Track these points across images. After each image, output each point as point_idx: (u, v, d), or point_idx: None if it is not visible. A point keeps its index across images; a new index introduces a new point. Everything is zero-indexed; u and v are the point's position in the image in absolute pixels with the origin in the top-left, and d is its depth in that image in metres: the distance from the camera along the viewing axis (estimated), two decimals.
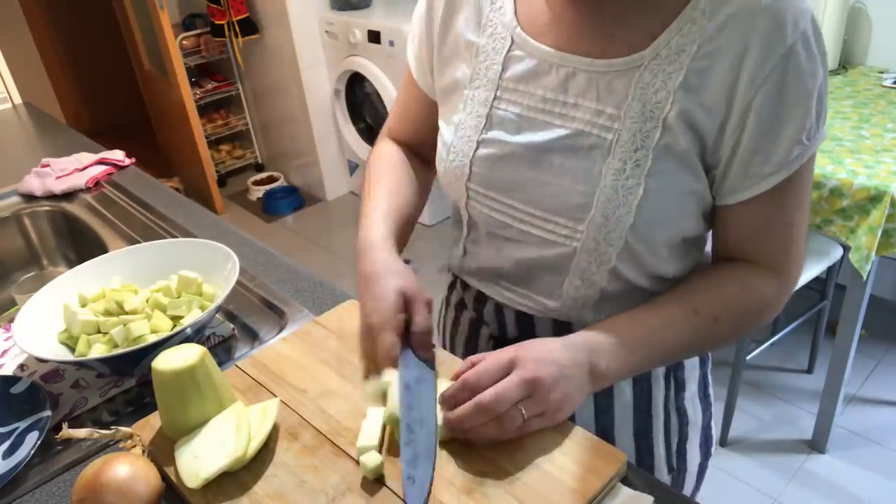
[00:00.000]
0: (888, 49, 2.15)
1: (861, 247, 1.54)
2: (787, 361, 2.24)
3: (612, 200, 0.65)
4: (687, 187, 0.66)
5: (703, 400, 0.86)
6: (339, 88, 3.28)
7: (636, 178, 0.64)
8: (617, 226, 0.66)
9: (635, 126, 0.64)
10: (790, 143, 0.62)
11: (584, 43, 0.66)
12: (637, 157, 0.64)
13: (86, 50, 4.55)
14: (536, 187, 0.70)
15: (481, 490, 0.62)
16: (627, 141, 0.64)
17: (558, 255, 0.72)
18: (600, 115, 0.66)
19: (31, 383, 0.83)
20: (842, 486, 1.82)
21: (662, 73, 0.63)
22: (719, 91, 0.62)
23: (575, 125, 0.67)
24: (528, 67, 0.70)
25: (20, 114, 2.03)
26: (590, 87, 0.66)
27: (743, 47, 0.60)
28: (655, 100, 0.63)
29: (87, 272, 0.95)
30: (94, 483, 0.62)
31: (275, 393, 0.77)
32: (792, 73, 0.60)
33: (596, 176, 0.66)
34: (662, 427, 0.82)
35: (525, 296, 0.78)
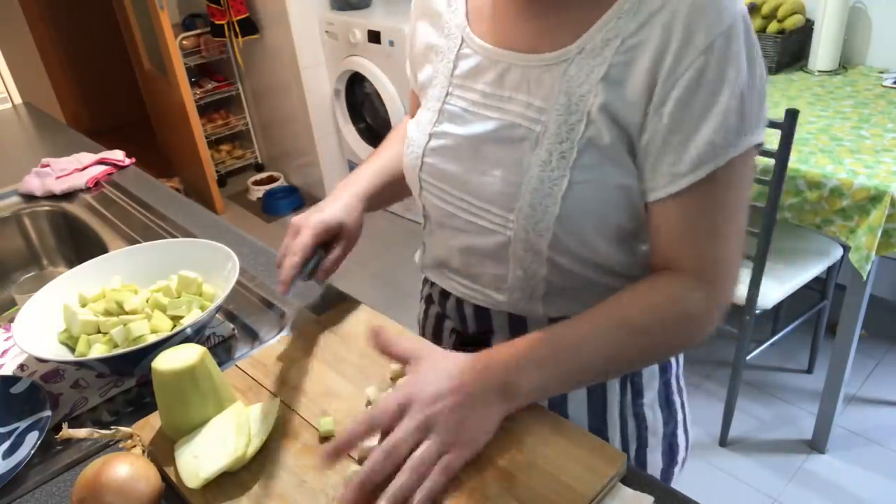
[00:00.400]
0: (888, 49, 2.15)
1: (861, 247, 1.54)
2: (787, 361, 2.24)
3: (538, 191, 0.67)
4: (613, 181, 0.66)
5: (664, 408, 0.84)
6: (339, 88, 3.28)
7: (561, 169, 0.66)
8: (544, 216, 0.68)
9: (561, 118, 0.66)
10: (706, 142, 0.61)
11: (519, 39, 0.70)
12: (562, 149, 0.66)
13: (86, 50, 4.55)
14: (474, 177, 0.73)
15: (481, 490, 0.62)
16: (554, 133, 0.66)
17: (496, 245, 0.74)
18: (530, 107, 0.68)
19: (31, 383, 0.83)
20: (842, 486, 1.82)
21: (587, 67, 0.64)
22: (640, 85, 0.63)
23: (508, 118, 0.70)
24: (472, 64, 0.73)
25: (20, 114, 2.03)
26: (522, 81, 0.69)
27: (664, 42, 0.61)
28: (580, 93, 0.65)
29: (87, 272, 0.95)
30: (94, 483, 0.62)
31: (275, 393, 0.77)
32: (711, 71, 0.60)
33: (524, 167, 0.68)
34: (619, 432, 0.82)
35: (476, 289, 0.80)
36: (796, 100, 1.97)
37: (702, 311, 0.67)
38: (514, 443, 0.66)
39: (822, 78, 2.12)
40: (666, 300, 0.67)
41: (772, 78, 2.15)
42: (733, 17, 0.60)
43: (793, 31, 2.16)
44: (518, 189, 0.69)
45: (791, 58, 2.22)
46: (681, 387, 0.88)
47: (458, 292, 0.82)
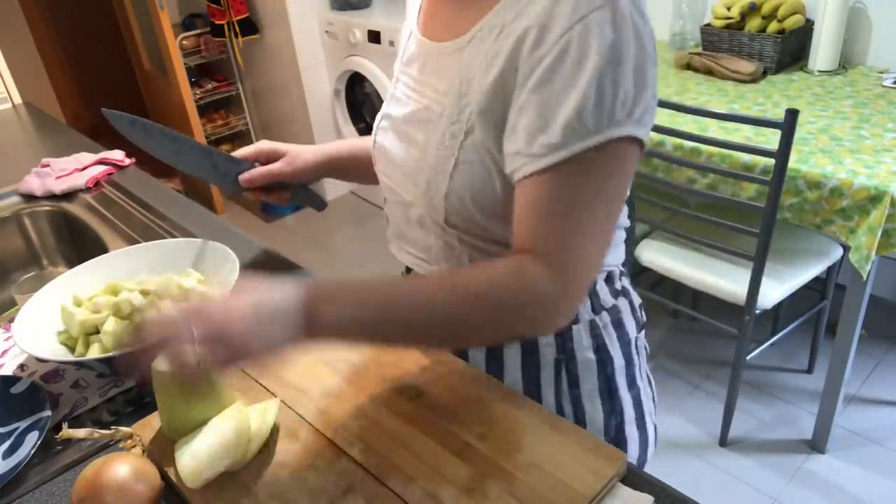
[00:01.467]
0: (888, 49, 2.14)
1: (861, 247, 1.54)
2: (787, 361, 2.24)
3: (432, 168, 0.72)
4: (495, 162, 0.69)
5: (606, 401, 0.83)
6: (339, 88, 3.28)
7: (451, 149, 0.70)
8: (437, 192, 0.72)
9: (453, 102, 0.71)
10: (563, 125, 0.61)
11: (436, 30, 0.76)
12: (453, 130, 0.70)
13: (86, 50, 4.55)
14: (399, 154, 0.79)
15: (481, 490, 0.62)
16: (448, 115, 0.71)
17: (417, 217, 0.79)
18: (437, 92, 0.74)
19: (31, 383, 0.83)
20: (842, 486, 1.82)
21: (475, 54, 0.69)
22: (505, 69, 0.65)
23: (424, 101, 0.76)
24: (410, 53, 0.80)
25: (20, 114, 2.03)
26: (435, 67, 0.75)
27: (529, 24, 0.63)
28: (469, 76, 0.69)
29: (87, 272, 0.95)
30: (94, 483, 0.62)
31: (275, 393, 0.77)
32: (571, 55, 0.60)
33: (426, 145, 0.74)
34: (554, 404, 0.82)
35: (420, 259, 0.83)
36: (796, 100, 1.97)
37: (545, 295, 0.64)
38: (514, 443, 0.66)
39: (822, 78, 2.12)
40: (507, 273, 0.64)
41: (772, 78, 2.15)
42: (601, 2, 0.60)
43: (793, 31, 2.16)
44: (421, 166, 0.74)
45: (791, 58, 2.22)
46: (637, 385, 0.86)
47: (410, 263, 0.86)
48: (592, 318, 0.80)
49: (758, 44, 2.18)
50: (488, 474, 0.63)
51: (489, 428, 0.68)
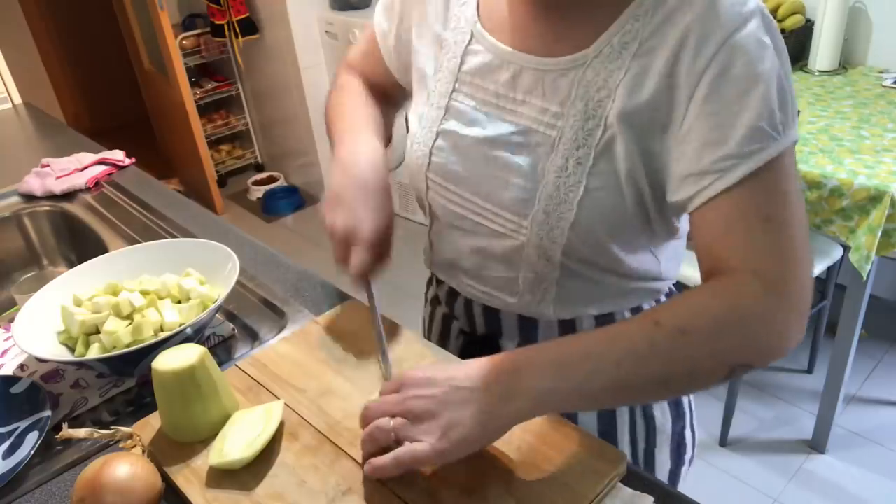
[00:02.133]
0: (888, 49, 2.14)
1: (861, 247, 1.54)
2: (787, 361, 2.24)
3: (553, 197, 0.66)
4: (630, 186, 0.65)
5: (673, 407, 0.84)
6: None
7: (577, 175, 0.65)
8: (559, 222, 0.67)
9: (578, 124, 0.65)
10: (747, 134, 0.58)
11: (534, 42, 0.68)
12: (579, 156, 0.65)
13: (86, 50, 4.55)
14: (486, 180, 0.71)
15: (481, 490, 0.62)
16: (570, 139, 0.65)
17: (508, 249, 0.73)
18: (545, 112, 0.67)
19: (31, 383, 0.83)
20: (842, 486, 1.82)
21: (604, 72, 0.63)
22: (659, 87, 0.61)
23: (522, 122, 0.68)
24: (483, 62, 0.71)
25: (20, 114, 2.03)
26: (536, 84, 0.67)
27: (681, 39, 0.59)
28: (597, 98, 0.63)
29: (87, 272, 0.95)
30: (94, 483, 0.62)
31: (275, 393, 0.77)
32: (737, 62, 0.58)
33: (539, 173, 0.67)
34: (628, 432, 0.81)
35: (486, 291, 0.79)
36: (796, 100, 1.97)
37: (764, 311, 0.58)
38: (514, 443, 0.66)
39: (822, 78, 2.12)
40: (713, 300, 0.59)
41: None
42: (750, 12, 0.59)
43: (793, 31, 2.16)
44: (533, 195, 0.68)
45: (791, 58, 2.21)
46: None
47: (468, 293, 0.82)
48: None
49: None
50: (488, 474, 0.63)
51: None
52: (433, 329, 0.94)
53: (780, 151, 0.59)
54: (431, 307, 0.94)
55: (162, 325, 0.85)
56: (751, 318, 0.58)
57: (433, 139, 0.75)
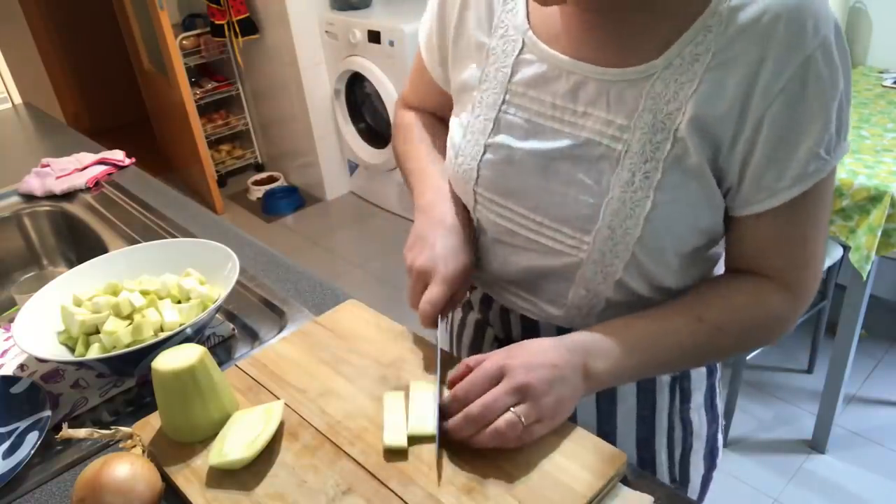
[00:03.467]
0: (888, 49, 2.15)
1: (861, 247, 1.54)
2: (787, 361, 2.24)
3: (619, 213, 0.64)
4: (697, 200, 0.64)
5: (709, 411, 0.84)
6: (339, 88, 3.28)
7: (645, 190, 0.63)
8: (624, 238, 0.65)
9: (645, 137, 0.62)
10: (807, 156, 0.60)
11: (595, 51, 0.65)
12: (646, 169, 0.63)
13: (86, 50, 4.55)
14: (543, 195, 0.69)
15: (481, 490, 0.62)
16: (637, 152, 0.63)
17: (564, 265, 0.71)
18: (610, 125, 0.64)
19: (31, 383, 0.83)
20: (842, 486, 1.82)
21: (675, 84, 0.61)
22: (733, 101, 0.59)
23: (584, 134, 0.66)
24: (537, 72, 0.68)
25: (20, 114, 2.03)
26: (600, 96, 0.64)
27: (759, 56, 0.57)
28: (667, 111, 0.61)
29: (87, 272, 0.95)
30: (94, 483, 0.62)
31: (275, 393, 0.77)
32: (811, 84, 0.57)
33: (604, 187, 0.65)
34: (666, 437, 0.81)
35: (530, 301, 0.78)
36: None
37: (784, 314, 0.68)
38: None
39: None
40: (750, 303, 0.68)
41: None
42: (829, 27, 0.57)
43: None
44: (597, 210, 0.65)
45: None
46: (720, 389, 0.87)
47: (509, 303, 0.80)
48: None
49: None
50: (488, 474, 0.63)
51: None
52: (464, 334, 0.92)
53: (828, 173, 0.62)
54: (463, 312, 0.92)
55: (162, 325, 0.85)
56: (776, 320, 0.69)
57: (481, 153, 0.72)
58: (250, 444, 0.67)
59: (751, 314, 0.68)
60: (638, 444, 0.81)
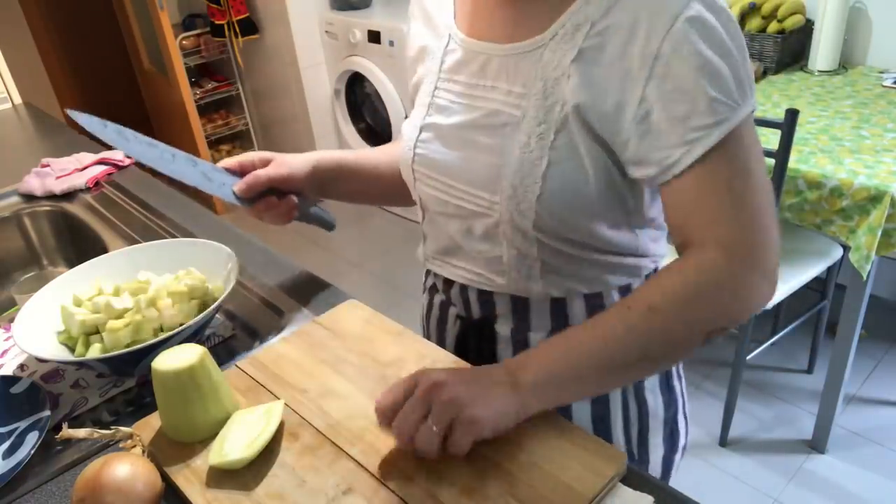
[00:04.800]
0: (888, 49, 2.15)
1: (861, 247, 1.54)
2: (787, 361, 2.24)
3: (518, 172, 0.70)
4: (592, 160, 0.68)
5: (665, 393, 0.85)
6: (339, 88, 3.28)
7: (540, 150, 0.69)
8: (526, 196, 0.70)
9: (538, 102, 0.69)
10: (706, 107, 0.61)
11: (497, 31, 0.73)
12: (540, 131, 0.69)
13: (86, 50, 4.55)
14: (462, 164, 0.76)
15: (481, 490, 0.62)
16: (532, 116, 0.69)
17: (487, 227, 0.76)
18: (510, 94, 0.71)
19: (31, 383, 0.83)
20: (842, 486, 1.82)
21: (560, 52, 0.67)
22: (611, 67, 0.64)
23: (492, 105, 0.73)
24: (457, 58, 0.77)
25: (20, 114, 2.03)
26: (502, 70, 0.72)
27: (632, 23, 0.63)
28: (554, 76, 0.68)
29: (87, 272, 0.95)
30: (94, 483, 0.62)
31: (275, 393, 0.77)
32: (687, 41, 0.61)
33: (506, 150, 0.71)
34: (621, 415, 0.83)
35: (476, 273, 0.82)
36: (796, 100, 1.97)
37: (719, 277, 0.64)
38: (514, 443, 0.66)
39: (822, 78, 2.12)
40: (677, 273, 0.65)
41: (772, 78, 2.15)
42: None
43: (793, 31, 2.16)
44: (500, 171, 0.72)
45: (791, 58, 2.22)
46: (680, 374, 0.89)
47: (461, 278, 0.84)
48: None
49: (758, 44, 2.17)
50: (488, 474, 0.63)
51: None
52: (431, 316, 0.95)
53: (740, 121, 0.63)
54: (430, 295, 0.95)
55: (162, 325, 0.85)
56: (716, 287, 0.64)
57: (417, 134, 0.80)
58: (250, 444, 0.67)
59: (681, 283, 0.64)
60: (594, 422, 0.82)
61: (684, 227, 0.67)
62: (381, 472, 0.65)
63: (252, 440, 0.68)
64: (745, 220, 0.64)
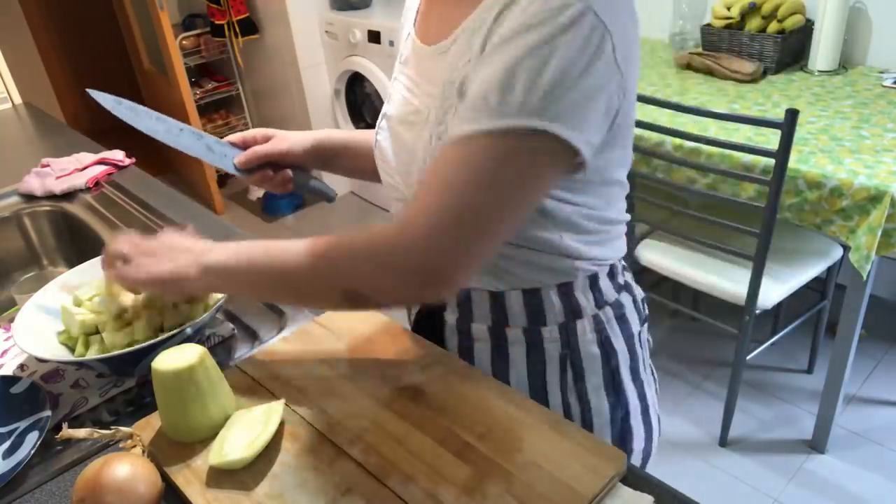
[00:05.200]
0: (888, 49, 2.14)
1: (861, 247, 1.54)
2: (787, 361, 2.24)
3: (421, 169, 0.73)
4: None
5: (611, 395, 0.84)
6: (339, 88, 3.28)
7: (437, 148, 0.71)
8: None
9: (437, 103, 0.72)
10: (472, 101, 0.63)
11: (426, 32, 0.77)
12: (438, 132, 0.71)
13: (86, 50, 4.55)
14: (391, 154, 0.81)
15: (481, 490, 0.62)
16: (434, 116, 0.72)
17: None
18: (425, 94, 0.75)
19: (31, 383, 0.83)
20: (842, 486, 1.82)
21: (457, 56, 0.70)
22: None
23: (415, 102, 0.77)
24: (406, 55, 0.82)
25: (20, 114, 2.03)
26: (423, 70, 0.76)
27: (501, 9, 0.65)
28: (451, 79, 0.70)
29: (87, 272, 0.95)
30: (94, 483, 0.62)
31: (275, 393, 0.77)
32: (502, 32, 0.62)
33: (414, 147, 0.75)
34: (562, 412, 0.82)
35: None
36: (796, 100, 1.97)
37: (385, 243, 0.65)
38: (514, 442, 0.66)
39: (822, 78, 2.12)
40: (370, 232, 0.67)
41: (772, 78, 2.15)
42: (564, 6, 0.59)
43: (793, 31, 2.16)
44: (411, 168, 0.76)
45: (791, 58, 2.22)
46: (640, 377, 0.87)
47: None
48: (596, 312, 0.80)
49: (758, 44, 2.17)
50: (488, 474, 0.63)
51: (489, 428, 0.68)
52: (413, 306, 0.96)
53: (492, 129, 0.60)
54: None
55: (162, 325, 0.85)
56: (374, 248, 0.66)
57: (379, 121, 0.85)
58: (250, 444, 0.67)
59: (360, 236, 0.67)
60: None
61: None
62: (381, 472, 0.65)
63: (252, 440, 0.68)
64: (429, 215, 0.63)
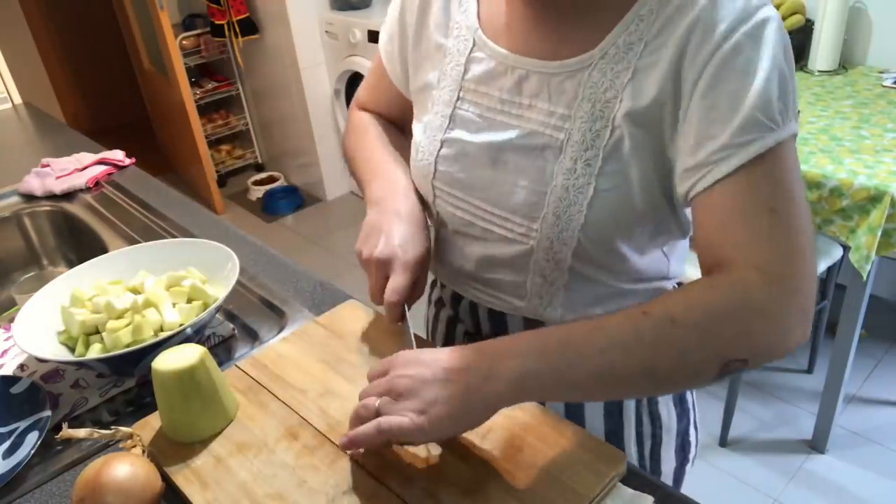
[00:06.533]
0: (888, 49, 2.14)
1: (861, 247, 1.54)
2: (787, 361, 2.24)
3: (562, 199, 0.66)
4: (641, 186, 0.64)
5: (678, 405, 0.84)
6: (339, 88, 3.28)
7: (587, 177, 0.65)
8: (568, 224, 0.67)
9: (585, 126, 0.65)
10: (742, 123, 0.58)
11: (537, 45, 0.68)
12: (587, 157, 0.65)
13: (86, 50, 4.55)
14: (494, 186, 0.71)
15: (481, 490, 0.62)
16: (578, 141, 0.65)
17: (517, 253, 0.72)
18: (552, 115, 0.67)
19: (31, 383, 0.83)
20: (842, 486, 1.82)
21: (611, 73, 0.63)
22: (667, 83, 0.61)
23: (529, 126, 0.68)
24: (486, 69, 0.71)
25: (20, 114, 2.03)
26: (542, 88, 0.67)
27: (686, 35, 0.59)
28: (604, 99, 0.64)
29: (87, 272, 0.95)
30: (94, 483, 0.62)
31: (275, 393, 0.77)
32: (739, 54, 0.58)
33: (548, 175, 0.67)
34: (634, 430, 0.82)
35: (492, 294, 0.79)
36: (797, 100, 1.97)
37: (766, 305, 0.55)
38: (514, 443, 0.66)
39: (822, 78, 2.12)
40: (706, 288, 0.58)
41: None
42: (755, 7, 0.59)
43: (793, 31, 2.16)
44: (542, 198, 0.68)
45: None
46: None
47: (474, 297, 0.82)
48: None
49: None
50: (488, 474, 0.63)
51: (490, 428, 0.68)
52: (437, 330, 0.93)
53: (777, 141, 0.58)
54: (436, 309, 0.94)
55: (162, 325, 0.85)
56: (749, 309, 0.56)
57: (438, 148, 0.75)
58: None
59: (712, 302, 0.57)
60: (607, 436, 0.81)
61: (717, 246, 0.60)
62: (381, 472, 0.65)
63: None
64: (787, 244, 0.57)
